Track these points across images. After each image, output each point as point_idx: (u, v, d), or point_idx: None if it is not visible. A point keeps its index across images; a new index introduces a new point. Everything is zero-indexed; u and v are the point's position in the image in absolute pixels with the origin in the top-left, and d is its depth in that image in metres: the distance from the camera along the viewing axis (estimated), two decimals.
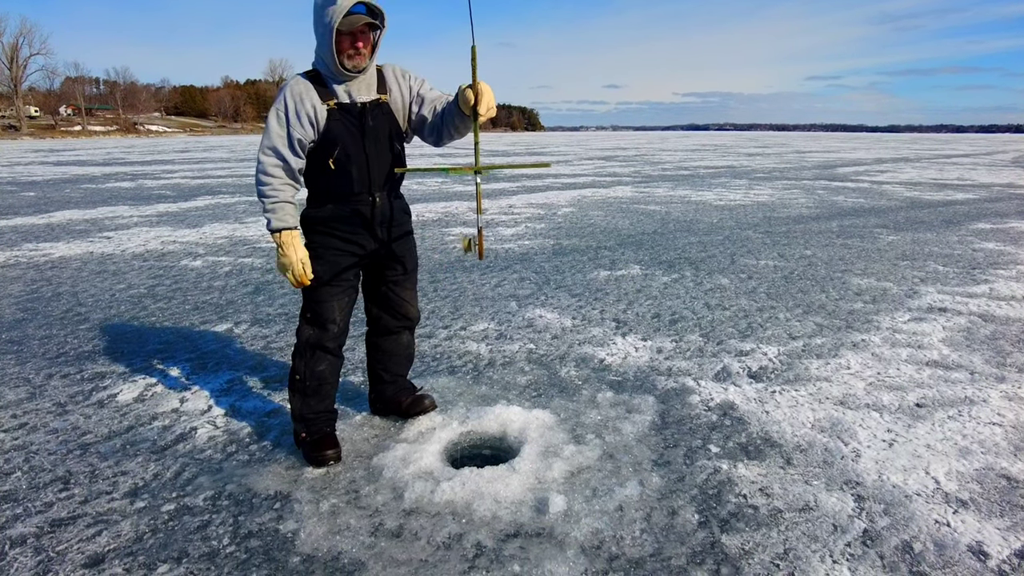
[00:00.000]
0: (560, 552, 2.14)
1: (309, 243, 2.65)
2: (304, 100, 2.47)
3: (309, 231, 2.66)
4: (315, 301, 2.67)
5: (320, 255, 2.63)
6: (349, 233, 2.65)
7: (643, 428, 3.01)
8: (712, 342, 4.24)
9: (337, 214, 2.63)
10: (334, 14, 2.37)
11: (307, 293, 2.68)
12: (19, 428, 3.07)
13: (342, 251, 2.66)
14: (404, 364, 3.04)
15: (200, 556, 2.14)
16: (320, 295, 2.66)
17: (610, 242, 7.88)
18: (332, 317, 2.69)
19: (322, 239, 2.64)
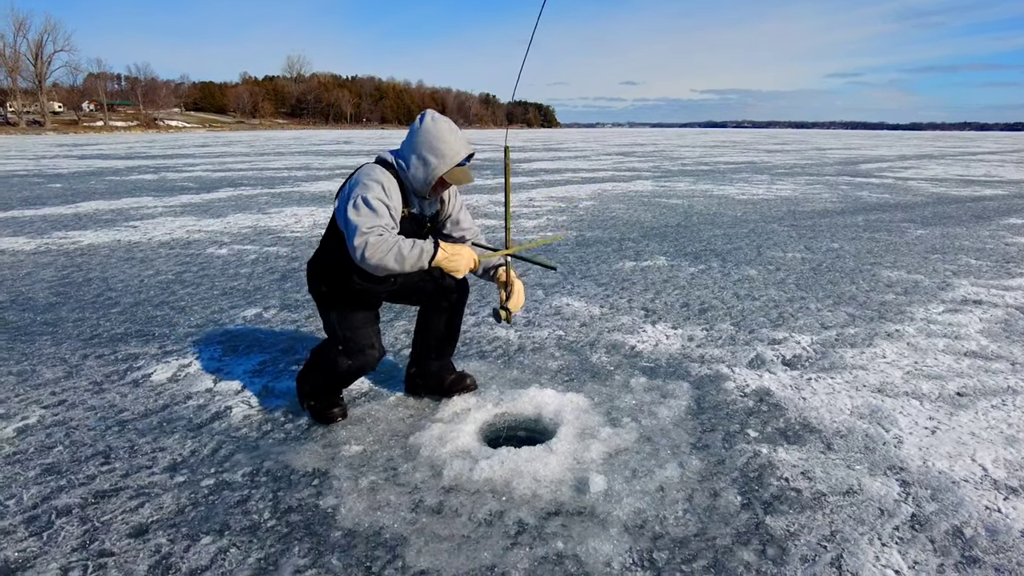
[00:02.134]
0: (603, 530, 2.11)
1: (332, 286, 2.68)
2: (393, 197, 2.49)
3: (331, 281, 2.68)
4: (349, 330, 2.68)
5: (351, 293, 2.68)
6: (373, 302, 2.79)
7: (679, 412, 2.98)
8: (744, 331, 4.19)
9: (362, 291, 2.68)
10: (447, 161, 2.49)
11: (336, 325, 2.69)
12: (58, 405, 3.10)
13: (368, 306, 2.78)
14: (452, 343, 3.05)
15: (242, 529, 2.15)
16: (353, 322, 2.69)
17: (633, 234, 7.83)
18: (370, 342, 2.72)
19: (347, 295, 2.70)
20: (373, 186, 2.45)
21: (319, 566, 1.96)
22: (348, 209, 2.40)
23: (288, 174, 16.58)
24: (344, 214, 2.42)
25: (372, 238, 2.32)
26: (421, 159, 2.51)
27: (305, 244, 7.05)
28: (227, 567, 1.96)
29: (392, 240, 2.34)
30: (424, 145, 2.50)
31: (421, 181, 2.54)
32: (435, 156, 2.49)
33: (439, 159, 2.49)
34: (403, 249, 2.33)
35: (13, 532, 2.15)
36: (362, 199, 2.41)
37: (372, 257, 2.31)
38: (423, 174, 2.52)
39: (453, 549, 2.03)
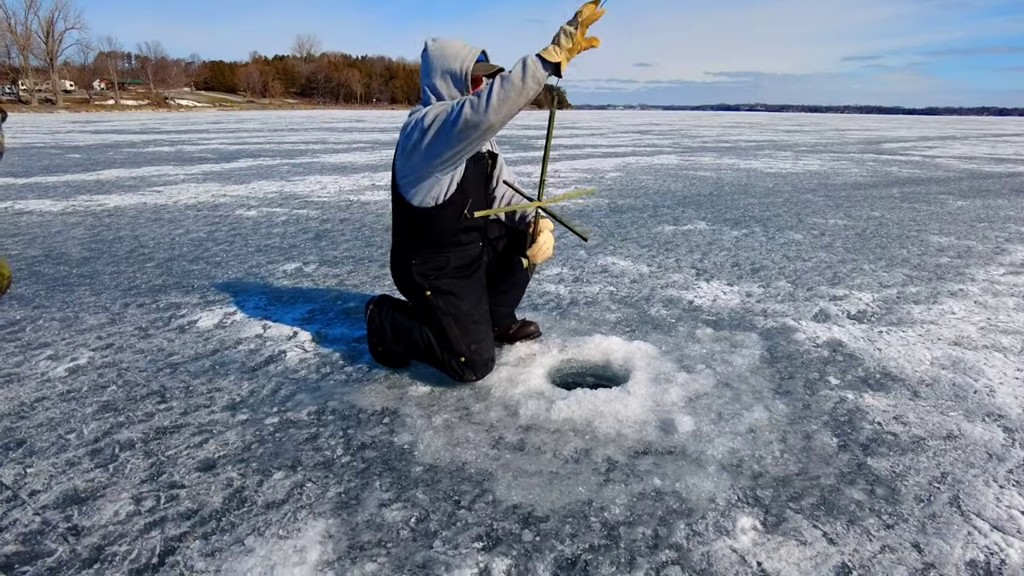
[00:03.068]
0: (699, 469, 1.99)
1: (445, 294, 2.50)
2: None
3: (435, 285, 2.50)
4: (474, 343, 2.48)
5: (462, 296, 2.51)
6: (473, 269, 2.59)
7: (753, 361, 2.84)
8: (801, 288, 4.04)
9: (458, 264, 2.52)
10: (466, 59, 2.32)
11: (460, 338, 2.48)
12: (106, 348, 3.00)
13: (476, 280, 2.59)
14: (519, 294, 2.92)
15: (315, 465, 2.04)
16: (476, 334, 2.51)
17: (667, 202, 7.65)
18: (492, 354, 2.57)
19: (451, 283, 2.52)
20: (428, 112, 2.28)
21: (404, 500, 1.85)
22: (428, 126, 2.22)
23: (305, 147, 16.43)
24: (432, 132, 2.21)
25: (477, 95, 2.11)
26: (446, 75, 2.35)
27: (334, 208, 6.92)
28: (304, 501, 1.85)
29: (486, 87, 2.10)
30: (439, 62, 2.35)
31: (459, 94, 2.37)
32: (454, 62, 2.33)
33: (459, 62, 2.33)
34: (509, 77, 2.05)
35: (79, 463, 2.05)
36: (431, 112, 2.25)
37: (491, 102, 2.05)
38: (456, 84, 2.35)
39: (544, 484, 1.91)
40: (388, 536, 1.70)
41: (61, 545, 1.68)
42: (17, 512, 1.81)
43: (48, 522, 1.78)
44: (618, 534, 1.70)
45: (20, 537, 1.71)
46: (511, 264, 2.77)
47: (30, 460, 2.08)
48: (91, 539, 1.70)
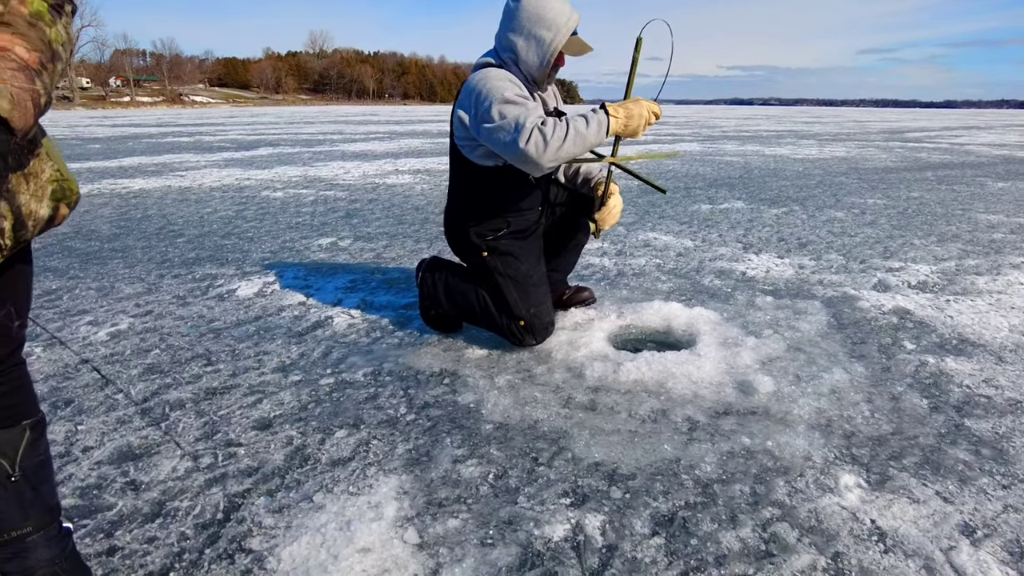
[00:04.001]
0: (787, 428, 1.86)
1: (503, 255, 2.37)
2: (524, 90, 2.14)
3: (493, 246, 2.37)
4: (534, 307, 2.36)
5: (520, 257, 2.38)
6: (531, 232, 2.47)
7: (820, 327, 2.71)
8: (854, 261, 3.89)
9: (517, 228, 2.40)
10: (560, 31, 2.15)
11: (519, 301, 2.35)
12: (146, 315, 2.91)
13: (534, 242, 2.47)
14: (574, 260, 2.79)
15: (378, 423, 1.93)
16: (536, 297, 2.38)
17: (698, 184, 7.49)
18: (552, 318, 2.45)
19: (509, 244, 2.39)
20: (502, 85, 2.08)
21: (478, 456, 1.74)
22: (491, 120, 2.03)
23: (323, 137, 16.37)
24: (489, 128, 2.05)
25: (542, 130, 1.97)
26: (532, 38, 2.16)
27: (360, 190, 6.83)
28: (372, 458, 1.74)
29: (563, 124, 2.00)
30: (531, 22, 2.15)
31: (537, 64, 2.21)
32: (547, 29, 2.14)
33: (553, 31, 2.14)
34: (579, 128, 1.99)
35: (130, 421, 1.96)
36: (501, 100, 2.04)
37: (551, 149, 1.96)
38: (538, 55, 2.18)
39: (625, 442, 1.79)
40: (467, 492, 1.58)
41: (121, 499, 1.59)
42: (72, 467, 1.72)
43: (105, 477, 1.68)
44: (714, 491, 1.58)
45: (77, 491, 1.62)
46: (568, 228, 2.64)
47: (80, 418, 1.99)
48: (151, 494, 1.61)
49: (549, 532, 1.42)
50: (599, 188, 2.45)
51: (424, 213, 5.43)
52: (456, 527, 1.45)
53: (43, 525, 1.24)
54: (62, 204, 1.13)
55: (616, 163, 2.35)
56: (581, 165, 2.58)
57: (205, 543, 1.43)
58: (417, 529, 1.43)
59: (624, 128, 2.06)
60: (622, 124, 2.05)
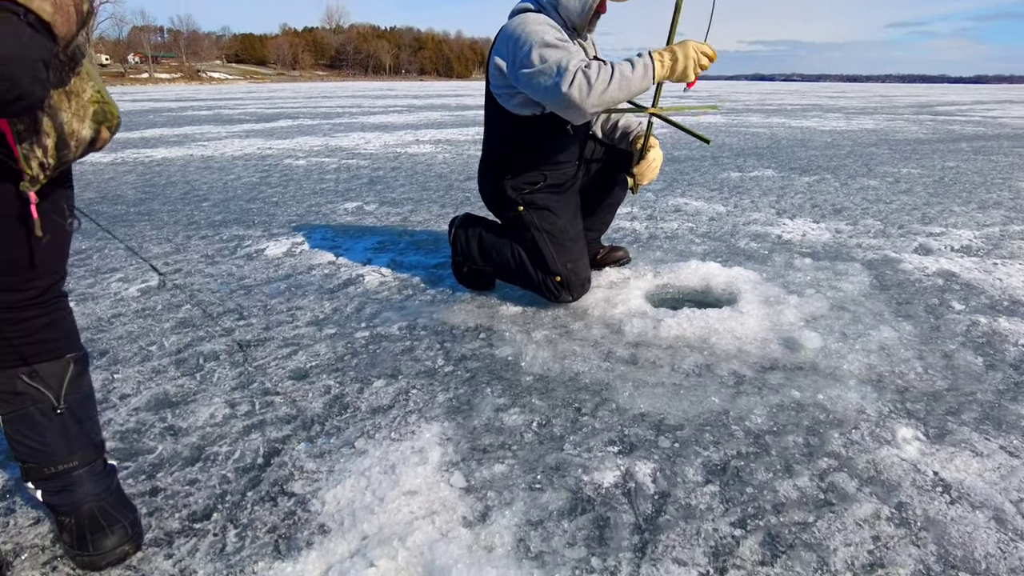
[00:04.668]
0: (837, 383, 1.80)
1: (539, 209, 2.30)
2: (564, 35, 2.03)
3: (529, 200, 2.30)
4: (570, 262, 2.29)
5: (557, 211, 2.31)
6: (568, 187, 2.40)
7: (863, 288, 2.62)
8: (892, 226, 3.78)
9: (553, 182, 2.32)
10: None
11: (555, 256, 2.28)
12: (174, 273, 2.89)
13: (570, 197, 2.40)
14: (609, 218, 2.73)
15: (417, 374, 1.89)
16: (572, 252, 2.31)
17: (725, 153, 7.34)
18: (588, 274, 2.37)
19: (546, 198, 2.31)
20: (541, 29, 1.99)
21: (520, 405, 1.69)
22: (531, 64, 1.94)
23: (342, 111, 16.28)
24: (529, 74, 1.95)
25: (586, 73, 1.87)
26: None
27: (382, 159, 6.77)
28: (412, 406, 1.71)
29: (607, 67, 1.90)
30: None
31: (579, 10, 2.13)
32: None
33: None
34: (624, 72, 1.89)
35: (165, 371, 1.94)
36: (541, 44, 1.95)
37: (595, 92, 1.86)
38: (580, 1, 2.12)
39: (670, 395, 1.74)
40: (511, 439, 1.55)
41: (160, 443, 1.57)
42: (110, 413, 1.70)
43: (143, 422, 1.67)
44: (766, 442, 1.53)
45: (117, 435, 1.60)
46: (604, 185, 2.57)
47: (115, 368, 1.97)
48: (190, 439, 1.59)
49: (599, 478, 1.38)
50: (638, 141, 2.37)
51: (448, 180, 5.37)
52: (503, 472, 1.41)
53: (88, 460, 1.22)
54: (103, 127, 1.09)
55: (657, 114, 2.26)
56: (619, 118, 2.50)
57: (247, 486, 1.41)
58: (463, 473, 1.40)
59: (671, 73, 1.97)
60: (668, 69, 1.96)
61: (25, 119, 0.96)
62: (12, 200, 1.04)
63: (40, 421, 1.17)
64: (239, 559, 1.19)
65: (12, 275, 1.08)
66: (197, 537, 1.25)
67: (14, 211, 1.05)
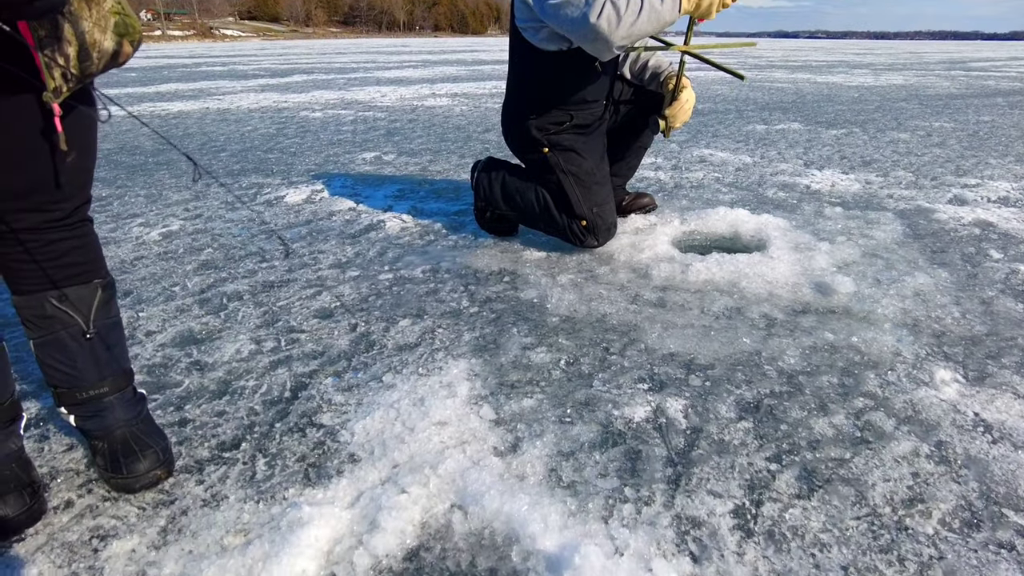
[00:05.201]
0: (871, 326, 1.76)
1: (565, 150, 2.23)
2: None
3: (554, 141, 2.22)
4: (596, 206, 2.23)
5: (583, 153, 2.23)
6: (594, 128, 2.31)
7: (896, 236, 2.55)
8: (925, 177, 3.66)
9: (579, 123, 2.24)
10: None
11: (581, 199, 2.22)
12: (195, 218, 2.88)
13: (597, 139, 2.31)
14: (636, 164, 2.67)
15: (442, 314, 1.87)
16: (599, 196, 2.24)
17: (749, 107, 7.15)
18: (614, 219, 2.31)
19: (572, 139, 2.23)
20: None
21: (547, 344, 1.67)
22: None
23: (357, 66, 16.06)
24: (556, 5, 1.86)
25: (615, 3, 1.78)
26: None
27: (399, 111, 6.67)
28: (439, 344, 1.69)
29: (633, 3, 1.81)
30: None
31: None
32: None
33: None
34: (654, 2, 1.81)
35: (188, 310, 1.94)
36: None
37: (625, 24, 1.78)
38: None
39: (699, 336, 1.71)
40: (539, 376, 1.53)
41: (187, 378, 1.57)
42: (137, 348, 1.71)
43: (169, 357, 1.67)
44: (799, 382, 1.50)
45: (144, 369, 1.61)
46: (632, 129, 2.50)
47: (140, 307, 1.97)
48: (216, 373, 1.59)
49: (629, 413, 1.36)
50: (670, 81, 2.29)
51: (466, 132, 5.28)
52: (532, 406, 1.40)
53: (119, 387, 1.22)
54: (125, 40, 1.05)
55: (690, 52, 2.18)
56: (649, 58, 2.41)
57: (275, 417, 1.40)
58: (492, 407, 1.39)
59: (696, 7, 1.88)
60: (694, 3, 1.87)
61: (46, 25, 0.92)
62: (35, 116, 1.01)
63: (70, 345, 1.16)
64: (269, 486, 1.19)
65: (38, 195, 1.06)
66: (227, 465, 1.25)
67: (37, 127, 1.02)
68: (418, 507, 1.06)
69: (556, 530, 1.01)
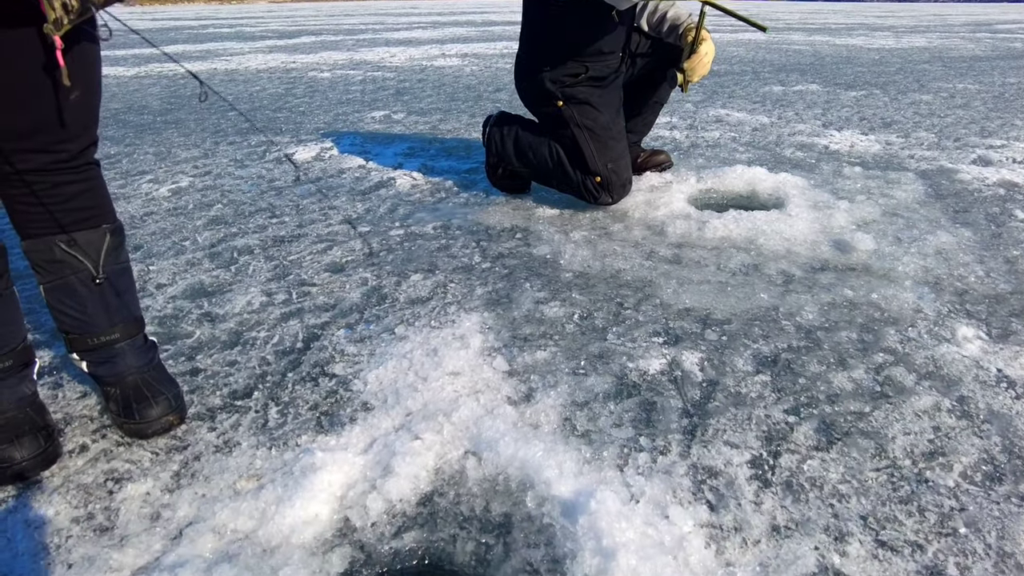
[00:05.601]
0: (891, 283, 1.72)
1: (580, 104, 2.15)
2: None
3: (569, 93, 2.15)
4: (611, 162, 2.17)
5: (599, 107, 2.16)
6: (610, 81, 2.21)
7: (916, 195, 2.49)
8: (947, 139, 3.57)
9: (595, 75, 2.15)
10: None
11: (595, 155, 2.16)
12: (204, 175, 2.85)
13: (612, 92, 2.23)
14: (652, 120, 2.62)
15: (454, 269, 1.85)
16: (616, 151, 2.18)
17: (766, 69, 6.98)
18: (629, 176, 2.25)
19: (587, 92, 2.16)
20: None
21: (560, 299, 1.65)
22: None
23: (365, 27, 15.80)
24: None
25: None
26: None
27: (408, 71, 6.56)
28: (451, 298, 1.67)
29: None
30: None
31: None
32: None
33: None
34: None
35: (199, 264, 1.93)
36: None
37: None
38: None
39: (715, 291, 1.68)
40: (552, 329, 1.51)
41: (198, 328, 1.56)
42: (147, 300, 1.70)
43: (180, 309, 1.66)
44: (817, 338, 1.47)
45: (155, 320, 1.60)
46: (649, 83, 2.43)
47: (150, 260, 1.96)
48: (227, 325, 1.58)
49: (644, 366, 1.35)
50: (689, 34, 2.21)
51: (476, 92, 5.19)
52: (545, 358, 1.38)
53: (129, 334, 1.21)
54: None
55: (710, 2, 2.10)
56: (668, 10, 2.33)
57: (287, 367, 1.40)
58: (505, 358, 1.37)
59: None
60: None
61: None
62: (37, 51, 0.98)
63: (80, 291, 1.15)
64: (282, 433, 1.19)
65: (43, 134, 1.04)
66: (239, 413, 1.25)
67: (39, 63, 0.99)
68: (432, 453, 1.05)
69: (571, 476, 1.00)
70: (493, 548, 0.90)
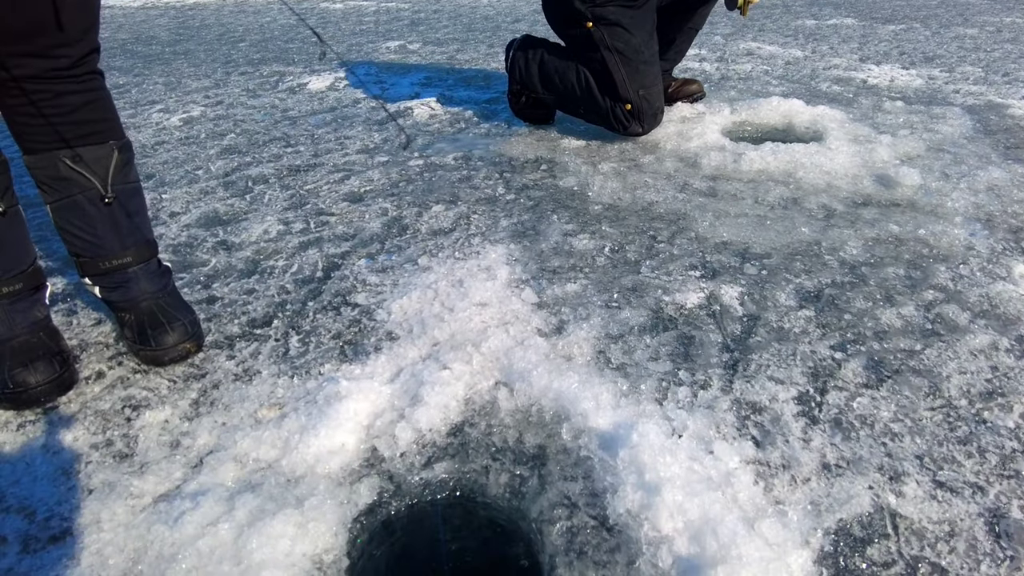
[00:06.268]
0: (939, 220, 1.62)
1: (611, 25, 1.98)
2: None
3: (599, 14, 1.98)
4: (643, 88, 2.01)
5: (631, 29, 1.99)
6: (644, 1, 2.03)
7: (964, 131, 2.35)
8: (995, 73, 3.37)
9: None
10: None
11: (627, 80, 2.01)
12: (216, 105, 2.75)
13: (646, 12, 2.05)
14: (686, 47, 2.47)
15: (477, 200, 1.77)
16: (648, 77, 2.02)
17: (797, 3, 6.63)
18: (661, 104, 2.11)
19: (619, 12, 1.98)
20: None
21: (589, 232, 1.57)
22: None
23: None
24: None
25: None
26: None
27: (423, 1, 6.30)
28: (474, 229, 1.60)
29: None
30: None
31: None
32: None
33: None
34: None
35: (213, 192, 1.86)
36: None
37: None
38: None
39: (753, 225, 1.59)
40: (582, 262, 1.44)
41: (214, 257, 1.51)
42: (161, 228, 1.64)
43: (195, 237, 1.60)
44: (863, 273, 1.39)
45: (169, 248, 1.54)
46: (685, 8, 2.28)
47: (163, 189, 1.90)
48: (244, 253, 1.52)
49: (680, 299, 1.28)
50: None
51: (494, 22, 4.98)
52: (575, 291, 1.31)
53: (142, 258, 1.15)
54: None
55: None
56: None
57: (307, 296, 1.34)
58: (534, 290, 1.31)
59: None
60: None
61: None
62: None
63: (89, 210, 1.09)
64: (304, 362, 1.14)
65: (40, 37, 0.96)
66: (259, 342, 1.20)
67: None
68: (461, 383, 1.00)
69: (609, 409, 0.95)
70: (528, 480, 0.86)
